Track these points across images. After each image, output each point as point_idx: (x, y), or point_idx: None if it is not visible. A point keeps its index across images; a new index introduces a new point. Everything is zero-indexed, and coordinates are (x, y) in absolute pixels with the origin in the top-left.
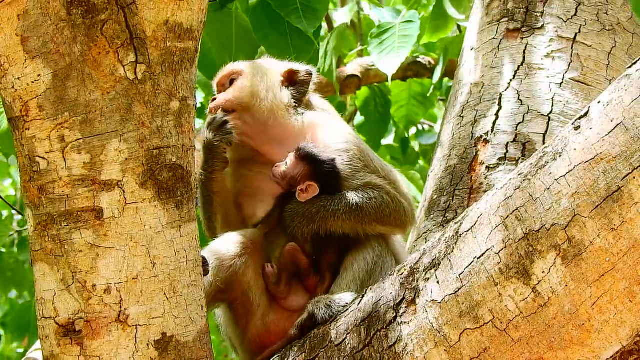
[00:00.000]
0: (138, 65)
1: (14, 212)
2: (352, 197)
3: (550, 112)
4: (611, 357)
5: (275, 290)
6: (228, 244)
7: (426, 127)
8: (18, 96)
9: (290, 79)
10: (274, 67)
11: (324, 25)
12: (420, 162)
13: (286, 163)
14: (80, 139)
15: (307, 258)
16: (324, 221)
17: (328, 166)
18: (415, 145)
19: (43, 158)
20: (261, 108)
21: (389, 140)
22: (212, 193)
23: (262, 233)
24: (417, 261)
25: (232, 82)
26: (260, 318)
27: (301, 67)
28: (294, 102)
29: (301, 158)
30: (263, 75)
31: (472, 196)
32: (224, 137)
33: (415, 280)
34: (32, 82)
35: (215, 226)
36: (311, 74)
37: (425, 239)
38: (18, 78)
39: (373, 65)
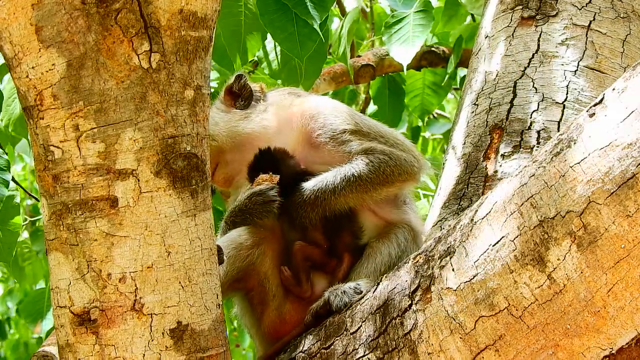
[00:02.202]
0: (152, 54)
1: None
2: (347, 170)
3: (565, 100)
4: (627, 344)
5: (299, 292)
6: (245, 234)
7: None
8: (32, 85)
9: (233, 94)
10: (217, 101)
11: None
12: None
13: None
14: (95, 128)
15: (320, 246)
16: (326, 202)
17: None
18: (427, 134)
19: (57, 147)
20: (223, 142)
21: (402, 130)
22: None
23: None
24: (432, 249)
25: None
26: (275, 308)
27: (232, 78)
28: (246, 110)
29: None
30: (210, 117)
31: (486, 184)
32: (264, 214)
33: (431, 268)
34: (47, 71)
35: None
36: (241, 76)
37: (440, 227)
38: (32, 67)
39: (387, 55)
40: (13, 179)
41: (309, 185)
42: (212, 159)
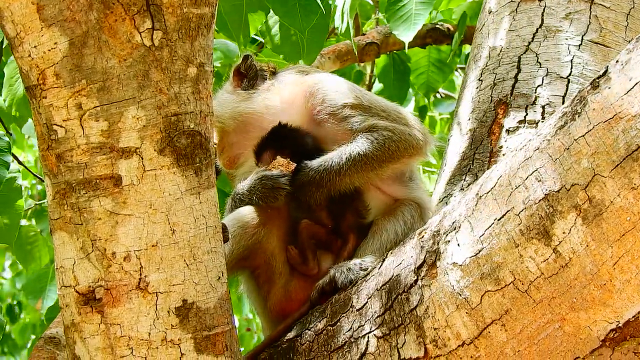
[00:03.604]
0: (154, 31)
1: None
2: (352, 148)
3: (570, 74)
4: (633, 317)
5: (305, 270)
6: (252, 212)
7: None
8: (35, 64)
9: (241, 74)
10: (227, 82)
11: None
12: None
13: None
14: (98, 106)
15: (325, 226)
16: (331, 182)
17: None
18: (434, 114)
19: (61, 126)
20: (227, 123)
21: (409, 108)
22: None
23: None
24: (438, 224)
25: None
26: (282, 286)
27: (240, 59)
28: (251, 90)
29: (259, 154)
30: (216, 99)
31: (492, 160)
32: (270, 199)
33: (436, 243)
34: (49, 50)
35: None
36: (247, 56)
37: (446, 202)
38: (34, 46)
39: (392, 33)
40: (17, 160)
41: (314, 165)
42: (218, 143)
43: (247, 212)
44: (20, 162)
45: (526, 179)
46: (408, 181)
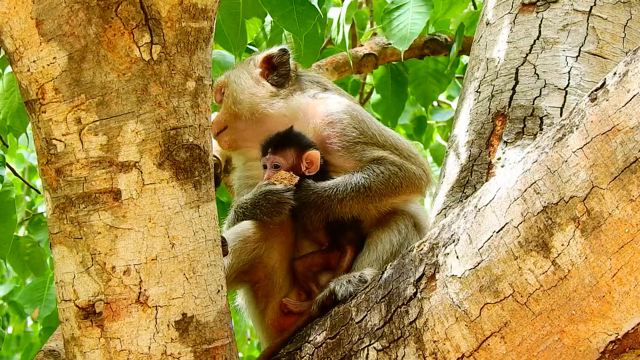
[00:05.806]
0: (153, 45)
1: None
2: (358, 178)
3: (567, 86)
4: (632, 328)
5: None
6: (253, 227)
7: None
8: (34, 79)
9: (270, 65)
10: (250, 63)
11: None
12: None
13: (272, 166)
14: (97, 120)
15: (322, 244)
16: (331, 209)
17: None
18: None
19: (60, 141)
20: (242, 112)
21: (404, 119)
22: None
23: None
24: (437, 236)
25: (223, 95)
26: (280, 301)
27: (275, 49)
28: (276, 88)
29: (279, 147)
30: (238, 78)
31: (490, 171)
32: (274, 214)
33: (435, 256)
34: (48, 65)
35: None
36: (285, 51)
37: (445, 214)
38: (33, 61)
39: (389, 44)
40: (14, 172)
41: (317, 188)
42: (223, 119)
43: (249, 227)
44: (16, 174)
45: (524, 191)
46: None
